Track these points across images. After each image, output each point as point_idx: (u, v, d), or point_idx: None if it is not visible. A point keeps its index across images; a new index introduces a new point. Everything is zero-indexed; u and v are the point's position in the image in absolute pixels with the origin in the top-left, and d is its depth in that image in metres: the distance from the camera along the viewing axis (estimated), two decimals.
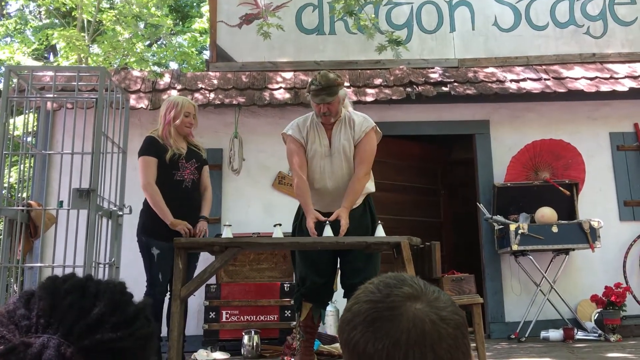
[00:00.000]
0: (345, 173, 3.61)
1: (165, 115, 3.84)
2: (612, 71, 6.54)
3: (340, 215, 3.41)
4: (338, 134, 3.63)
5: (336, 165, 3.60)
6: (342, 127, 3.63)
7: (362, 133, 3.61)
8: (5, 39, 14.03)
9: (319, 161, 3.62)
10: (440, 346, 0.71)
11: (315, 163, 3.64)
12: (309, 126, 3.69)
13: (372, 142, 3.66)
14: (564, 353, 4.45)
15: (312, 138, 3.66)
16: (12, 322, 0.69)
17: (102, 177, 3.76)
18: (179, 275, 3.23)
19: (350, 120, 3.65)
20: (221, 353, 5.07)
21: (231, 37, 6.86)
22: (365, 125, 3.64)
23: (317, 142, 3.64)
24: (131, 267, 4.10)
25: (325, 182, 3.62)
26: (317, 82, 3.53)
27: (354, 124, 3.63)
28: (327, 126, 3.65)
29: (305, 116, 3.79)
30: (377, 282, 0.78)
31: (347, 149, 3.60)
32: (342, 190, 3.56)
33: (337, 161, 3.60)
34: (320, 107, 3.54)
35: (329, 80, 3.53)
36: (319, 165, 3.62)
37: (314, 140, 3.65)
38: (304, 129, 3.69)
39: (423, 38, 6.92)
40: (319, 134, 3.65)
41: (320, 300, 3.62)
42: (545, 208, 5.77)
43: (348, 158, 3.61)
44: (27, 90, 3.88)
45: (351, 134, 3.61)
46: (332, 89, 3.51)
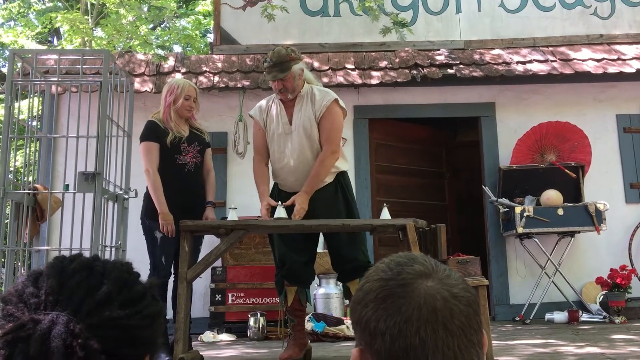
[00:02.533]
0: (308, 151, 3.50)
1: (165, 98, 3.82)
2: (619, 52, 6.47)
3: (295, 200, 3.35)
4: (299, 111, 3.52)
5: (296, 143, 3.49)
6: (303, 103, 3.53)
7: (323, 108, 3.47)
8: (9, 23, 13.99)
9: (279, 140, 3.54)
10: (452, 323, 0.71)
11: (275, 142, 3.55)
12: (270, 105, 3.61)
13: (335, 118, 3.50)
14: (569, 335, 4.47)
15: (272, 117, 3.57)
16: (21, 301, 0.70)
17: (108, 161, 3.76)
18: (185, 258, 3.24)
19: (312, 96, 3.53)
20: (227, 335, 5.11)
21: (235, 19, 6.82)
22: (326, 99, 3.50)
23: (275, 121, 3.55)
24: (137, 250, 4.11)
25: (287, 160, 3.53)
26: (269, 59, 3.43)
27: (315, 99, 3.51)
28: (287, 103, 3.56)
29: (270, 96, 3.70)
30: (388, 261, 0.78)
31: (307, 126, 3.49)
32: (307, 169, 3.47)
33: (298, 139, 3.49)
34: (275, 84, 3.46)
35: (280, 56, 3.43)
36: (279, 144, 3.54)
37: (272, 119, 3.57)
38: (265, 110, 3.61)
39: (429, 19, 6.86)
40: (280, 112, 3.56)
41: (303, 281, 3.55)
42: (550, 191, 5.76)
43: (309, 135, 3.49)
44: (32, 73, 3.87)
45: (312, 110, 3.50)
46: (283, 65, 3.41)
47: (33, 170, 4.38)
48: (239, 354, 4.09)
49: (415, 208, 6.28)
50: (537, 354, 3.57)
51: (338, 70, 6.29)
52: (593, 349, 3.64)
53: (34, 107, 4.05)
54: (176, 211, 3.63)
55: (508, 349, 3.80)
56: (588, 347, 3.77)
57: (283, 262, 3.54)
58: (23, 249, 3.75)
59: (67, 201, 3.85)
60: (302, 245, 3.54)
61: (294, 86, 3.48)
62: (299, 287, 3.53)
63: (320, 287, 5.36)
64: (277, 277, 3.59)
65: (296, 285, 3.53)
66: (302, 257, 3.52)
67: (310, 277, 3.64)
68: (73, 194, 3.67)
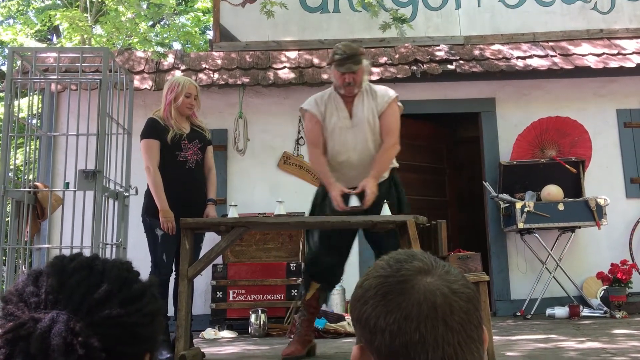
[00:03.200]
0: (371, 145, 3.54)
1: (166, 96, 3.81)
2: (619, 47, 6.46)
3: (365, 185, 3.35)
4: (360, 105, 3.55)
5: (360, 137, 3.53)
6: (364, 98, 3.56)
7: (385, 103, 3.54)
8: (8, 21, 13.97)
9: (340, 134, 3.55)
10: (452, 319, 0.71)
11: (335, 136, 3.56)
12: (327, 100, 3.61)
13: (396, 112, 3.60)
14: (570, 330, 4.47)
15: (330, 112, 3.58)
16: (21, 300, 0.70)
17: (108, 159, 3.76)
18: (186, 255, 3.24)
19: (371, 91, 3.58)
20: (229, 332, 5.12)
21: (234, 16, 6.81)
22: (388, 95, 3.58)
23: (335, 115, 3.56)
24: (138, 248, 4.12)
25: (348, 154, 3.55)
26: (341, 52, 3.45)
27: (376, 95, 3.57)
28: (347, 99, 3.58)
29: (324, 92, 3.72)
30: (388, 258, 0.78)
31: (370, 120, 3.53)
32: (367, 163, 3.50)
33: (361, 133, 3.53)
34: (345, 76, 3.45)
35: (353, 49, 3.48)
36: (341, 137, 3.55)
37: (332, 113, 3.58)
38: (321, 104, 3.61)
39: (428, 15, 6.85)
40: (337, 106, 3.57)
41: (329, 282, 3.60)
42: (551, 186, 5.75)
43: (372, 129, 3.53)
44: (31, 71, 3.87)
45: (374, 105, 3.54)
46: (357, 58, 3.46)
47: (33, 168, 4.38)
48: (240, 350, 4.10)
49: (415, 204, 6.27)
50: (538, 349, 3.57)
51: None
52: (594, 344, 3.65)
53: (34, 105, 4.05)
54: (177, 208, 3.64)
55: (509, 344, 3.80)
56: (589, 342, 3.77)
57: (315, 261, 3.57)
58: (24, 247, 3.75)
59: (68, 199, 3.86)
60: (339, 248, 3.55)
61: (361, 80, 3.52)
62: (322, 286, 3.56)
63: None
64: (304, 274, 3.64)
65: (320, 284, 3.55)
66: (335, 259, 3.55)
67: (336, 279, 3.69)
68: (73, 192, 3.67)
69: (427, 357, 0.69)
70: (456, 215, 7.42)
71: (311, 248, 3.63)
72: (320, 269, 3.54)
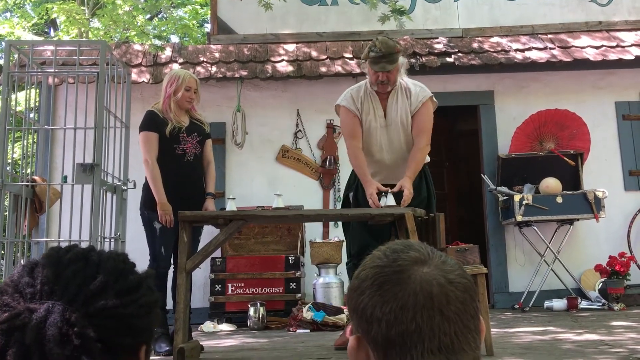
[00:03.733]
0: (403, 144, 3.52)
1: (166, 89, 3.80)
2: (618, 39, 6.45)
3: (403, 185, 3.34)
4: (394, 104, 3.51)
5: (393, 137, 3.51)
6: (398, 96, 3.51)
7: (419, 103, 3.49)
8: (5, 14, 13.92)
9: (375, 133, 3.53)
10: (449, 309, 0.71)
11: (371, 135, 3.54)
12: (362, 96, 3.54)
13: (429, 112, 3.55)
14: (568, 322, 4.48)
15: (367, 109, 3.53)
16: (16, 291, 0.70)
17: (106, 152, 3.75)
18: (185, 248, 3.24)
19: (406, 90, 3.53)
20: (227, 325, 5.13)
21: (232, 8, 6.78)
22: (422, 95, 3.52)
23: (372, 113, 3.53)
24: (137, 241, 4.12)
25: (382, 154, 3.54)
26: (376, 49, 3.35)
27: (410, 94, 3.51)
28: (381, 95, 3.53)
29: (358, 85, 3.65)
30: (384, 249, 0.78)
31: (404, 120, 3.50)
32: (400, 162, 3.49)
33: (394, 133, 3.51)
34: (379, 75, 3.38)
35: (389, 47, 3.37)
36: (376, 137, 3.53)
37: (368, 111, 3.53)
38: (357, 100, 3.55)
39: (427, 7, 6.82)
40: (374, 104, 3.53)
41: None
42: (549, 179, 5.76)
43: (405, 129, 3.50)
44: (28, 65, 3.85)
45: (408, 104, 3.50)
46: (392, 57, 3.37)
47: (31, 162, 4.37)
48: (239, 343, 4.11)
49: None
50: (537, 341, 3.58)
51: (336, 59, 6.27)
52: (592, 336, 3.65)
53: (31, 99, 4.03)
54: (175, 202, 3.63)
55: (507, 336, 3.81)
56: (587, 334, 3.78)
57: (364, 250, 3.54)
58: (22, 240, 3.75)
59: (66, 193, 3.85)
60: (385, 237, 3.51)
61: (395, 79, 3.46)
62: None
63: (320, 276, 5.37)
64: (349, 265, 3.62)
65: None
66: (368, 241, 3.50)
67: None
68: (71, 185, 3.66)
69: (423, 347, 0.69)
70: (455, 208, 7.43)
71: (356, 239, 3.57)
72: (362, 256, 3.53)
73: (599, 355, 2.94)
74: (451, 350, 0.70)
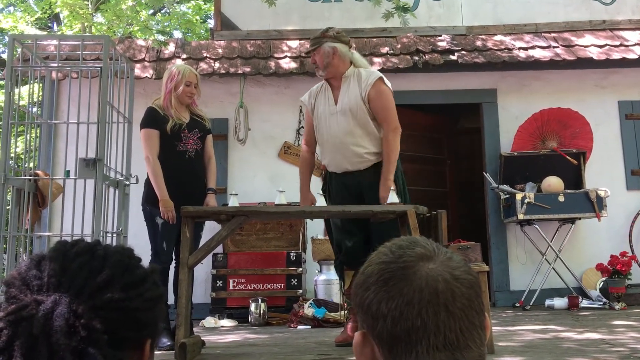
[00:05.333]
0: (355, 129, 3.54)
1: (166, 85, 3.80)
2: (622, 38, 6.44)
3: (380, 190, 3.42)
4: (345, 91, 3.58)
5: (342, 123, 3.54)
6: (349, 83, 3.58)
7: (368, 87, 3.51)
8: (9, 8, 13.91)
9: (325, 121, 3.61)
10: (454, 305, 0.71)
11: (322, 123, 3.63)
12: (319, 90, 3.71)
13: (386, 96, 3.56)
14: (569, 321, 4.49)
15: (319, 100, 3.67)
16: (24, 283, 0.71)
17: (108, 147, 3.76)
18: (187, 243, 3.25)
19: (358, 76, 3.59)
20: (229, 320, 5.14)
21: (236, 4, 6.77)
22: (371, 78, 3.54)
23: (323, 103, 3.64)
24: (139, 236, 4.13)
25: (334, 140, 3.58)
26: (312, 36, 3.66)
27: (361, 78, 3.57)
28: (334, 85, 3.63)
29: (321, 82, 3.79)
30: (390, 245, 0.78)
31: (353, 106, 3.53)
32: (353, 148, 3.53)
33: (343, 119, 3.54)
34: (310, 58, 3.63)
35: (316, 33, 3.64)
36: (326, 124, 3.61)
37: (320, 102, 3.66)
38: (314, 95, 3.71)
39: (430, 5, 6.81)
40: (327, 95, 3.64)
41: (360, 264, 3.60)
42: (552, 177, 5.75)
43: (355, 114, 3.53)
44: (32, 59, 3.86)
45: (359, 90, 3.54)
46: (316, 40, 3.59)
47: (34, 156, 4.38)
48: (240, 339, 4.11)
49: (416, 194, 6.27)
50: (537, 339, 3.58)
51: None
52: (593, 335, 3.66)
53: (34, 93, 4.04)
54: (177, 198, 3.64)
55: (508, 334, 3.82)
56: (588, 333, 3.78)
57: (340, 248, 3.63)
58: (24, 234, 3.76)
59: (68, 187, 3.86)
60: (354, 229, 3.59)
61: (324, 63, 3.56)
62: (355, 272, 3.57)
63: (321, 273, 5.38)
64: (336, 263, 3.72)
65: (354, 269, 3.57)
66: (356, 240, 3.58)
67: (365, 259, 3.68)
68: (74, 180, 3.67)
69: (428, 343, 0.70)
70: (456, 205, 7.42)
71: (334, 237, 3.68)
72: (346, 254, 3.59)
73: (599, 354, 2.94)
74: (456, 346, 0.70)
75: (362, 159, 3.55)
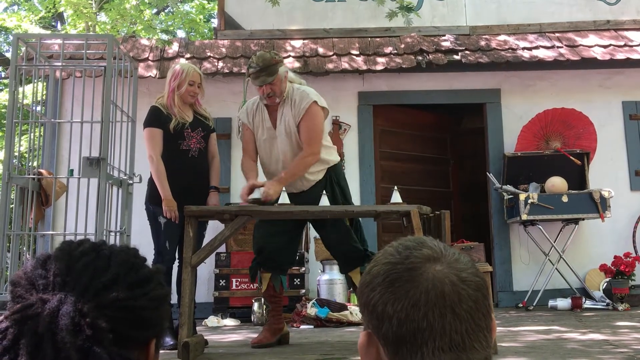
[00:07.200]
0: (294, 154, 3.50)
1: (169, 83, 3.79)
2: (626, 38, 6.42)
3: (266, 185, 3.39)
4: (281, 115, 3.52)
5: (282, 148, 3.51)
6: (285, 107, 3.51)
7: (301, 111, 3.46)
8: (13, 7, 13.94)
9: (265, 145, 3.56)
10: (460, 307, 0.71)
11: (262, 148, 3.58)
12: (254, 110, 3.60)
13: (314, 119, 3.48)
14: (572, 321, 4.48)
15: (257, 123, 3.58)
16: (29, 283, 0.71)
17: (112, 146, 3.77)
18: (190, 243, 3.25)
19: (292, 100, 3.51)
20: (231, 320, 5.14)
21: (239, 4, 6.78)
22: (304, 102, 3.47)
23: (261, 127, 3.56)
24: (142, 235, 4.13)
25: (275, 165, 3.56)
26: (254, 65, 3.40)
27: (295, 103, 3.50)
28: (271, 108, 3.54)
29: (255, 99, 3.66)
30: (397, 245, 0.78)
31: (289, 131, 3.49)
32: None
33: (282, 144, 3.51)
34: (263, 89, 3.42)
35: (265, 60, 3.40)
36: (265, 149, 3.56)
37: (258, 124, 3.58)
38: (251, 113, 3.60)
39: (434, 4, 6.81)
40: (263, 117, 3.56)
41: (278, 267, 3.58)
42: (555, 177, 5.74)
43: (291, 139, 3.49)
44: (36, 58, 3.87)
45: (293, 114, 3.49)
46: (271, 69, 3.39)
47: (38, 155, 4.39)
48: (243, 338, 4.12)
49: (419, 195, 6.28)
50: (541, 340, 3.58)
51: (343, 56, 6.26)
52: (596, 336, 3.65)
53: (38, 92, 4.04)
54: (180, 197, 3.64)
55: (511, 335, 3.81)
56: (591, 333, 3.77)
57: (261, 250, 3.58)
58: (28, 233, 3.77)
59: (72, 186, 3.86)
60: (280, 232, 3.55)
61: (281, 89, 3.47)
62: (273, 274, 3.56)
63: (324, 273, 5.38)
64: (252, 265, 3.64)
65: (270, 272, 3.56)
66: (279, 244, 3.55)
67: (287, 264, 3.69)
68: (78, 179, 3.68)
69: (434, 345, 0.69)
70: (460, 206, 7.42)
71: (256, 239, 3.63)
72: (267, 255, 3.54)
73: (603, 355, 2.93)
74: (462, 348, 0.70)
75: (306, 181, 3.54)
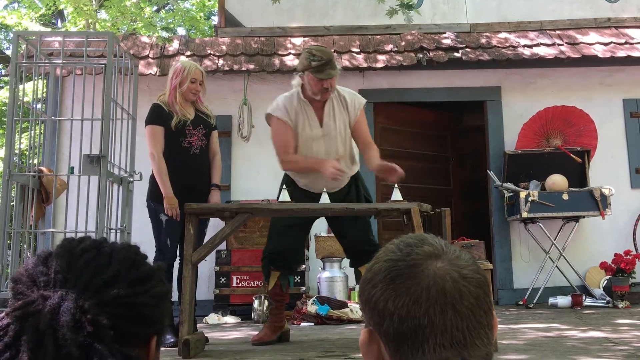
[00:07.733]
0: (341, 154, 3.48)
1: (171, 81, 3.79)
2: (627, 36, 6.41)
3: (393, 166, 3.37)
4: (331, 113, 3.46)
5: (332, 147, 3.47)
6: (334, 105, 3.47)
7: (357, 112, 3.48)
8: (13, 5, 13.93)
9: (312, 143, 3.47)
10: (462, 304, 0.71)
11: (307, 146, 3.48)
12: (296, 106, 3.47)
13: (366, 120, 3.62)
14: (572, 319, 4.48)
15: (302, 120, 3.47)
16: (30, 280, 0.71)
17: (112, 144, 3.77)
18: (190, 240, 3.25)
19: (341, 97, 3.49)
20: (232, 317, 5.15)
21: (240, 1, 6.77)
22: (357, 103, 3.50)
23: (307, 124, 3.47)
24: (142, 233, 4.13)
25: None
26: (318, 57, 3.31)
27: (347, 103, 3.48)
28: (316, 105, 3.47)
29: (290, 94, 3.54)
30: (398, 242, 0.78)
31: (342, 130, 3.46)
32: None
33: (332, 143, 3.47)
34: (323, 82, 3.33)
35: (328, 53, 3.37)
36: (312, 148, 3.47)
37: (303, 122, 3.47)
38: (291, 110, 3.46)
39: (435, 2, 6.80)
40: (308, 114, 3.47)
41: (287, 267, 3.59)
42: (556, 175, 5.74)
43: (343, 139, 3.48)
44: (36, 55, 3.86)
45: (346, 114, 3.47)
46: (334, 63, 3.36)
47: (38, 152, 4.39)
48: (243, 335, 4.12)
49: (420, 192, 6.28)
50: (541, 337, 3.58)
51: (343, 53, 6.25)
52: (596, 334, 3.65)
53: (39, 90, 4.04)
54: (181, 194, 3.64)
55: (511, 332, 3.81)
56: (591, 331, 3.78)
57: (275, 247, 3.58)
58: (29, 231, 3.77)
59: (73, 184, 3.87)
60: (289, 233, 3.55)
61: (334, 85, 3.44)
62: (282, 273, 3.57)
63: (325, 270, 5.38)
64: (263, 262, 3.64)
65: (280, 271, 3.56)
66: (286, 244, 3.55)
67: (295, 264, 3.70)
68: (78, 176, 3.68)
69: (435, 342, 0.70)
70: (460, 203, 7.42)
71: (271, 237, 3.61)
72: (277, 255, 3.54)
73: (603, 352, 2.94)
74: (463, 344, 0.70)
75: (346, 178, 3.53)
